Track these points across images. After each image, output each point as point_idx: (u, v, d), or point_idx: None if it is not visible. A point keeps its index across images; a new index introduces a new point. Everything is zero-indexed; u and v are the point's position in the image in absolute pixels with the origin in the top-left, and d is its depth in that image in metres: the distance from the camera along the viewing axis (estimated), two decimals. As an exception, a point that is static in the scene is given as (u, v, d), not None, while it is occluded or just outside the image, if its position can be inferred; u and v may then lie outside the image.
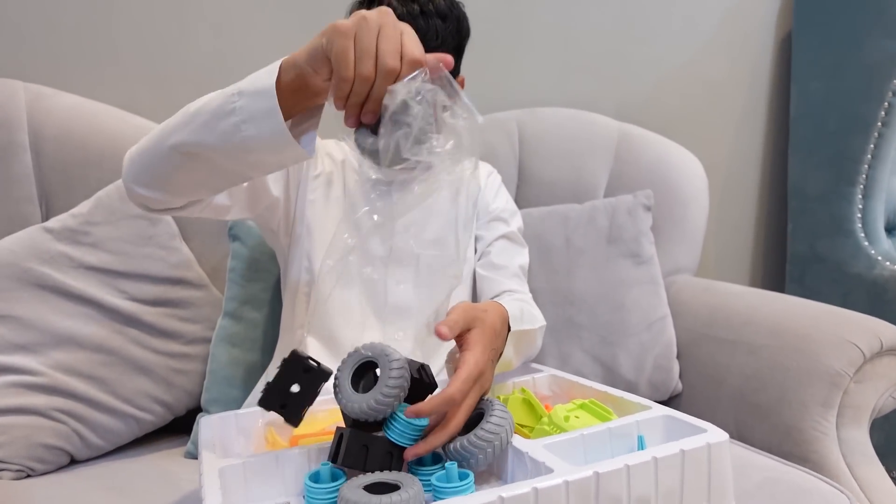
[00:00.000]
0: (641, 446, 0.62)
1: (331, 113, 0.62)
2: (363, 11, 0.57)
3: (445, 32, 0.84)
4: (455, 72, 0.87)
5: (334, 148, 1.01)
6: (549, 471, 0.51)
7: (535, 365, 0.92)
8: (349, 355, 0.61)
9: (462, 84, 0.95)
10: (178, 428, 1.06)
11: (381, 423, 0.58)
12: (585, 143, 1.39)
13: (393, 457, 0.57)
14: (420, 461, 0.59)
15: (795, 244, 1.62)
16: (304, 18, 1.35)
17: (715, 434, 0.58)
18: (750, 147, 1.70)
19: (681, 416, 0.63)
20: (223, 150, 0.62)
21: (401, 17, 0.75)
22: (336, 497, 0.53)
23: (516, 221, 1.08)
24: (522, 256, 1.06)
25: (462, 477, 0.53)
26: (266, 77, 0.59)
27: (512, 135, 1.37)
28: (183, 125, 0.64)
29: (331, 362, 0.88)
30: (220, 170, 0.66)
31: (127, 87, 1.26)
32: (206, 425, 0.71)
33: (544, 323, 0.96)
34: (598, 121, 1.43)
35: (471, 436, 0.57)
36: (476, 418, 0.60)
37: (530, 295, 1.03)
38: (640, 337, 1.19)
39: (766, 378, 1.04)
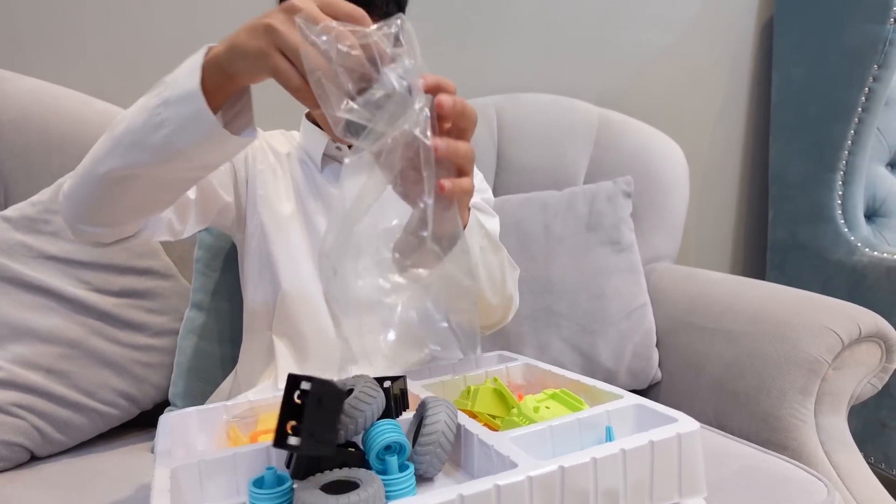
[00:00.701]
0: (609, 437, 0.60)
1: (271, 104, 0.59)
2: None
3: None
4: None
5: (279, 140, 0.97)
6: (514, 465, 0.49)
7: (508, 354, 0.90)
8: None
9: None
10: (145, 422, 1.03)
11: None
12: (566, 130, 1.37)
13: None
14: (384, 469, 0.56)
15: (776, 231, 1.61)
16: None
17: (685, 424, 0.56)
18: (731, 133, 1.70)
19: (651, 405, 0.62)
20: (161, 164, 0.58)
21: None
22: (282, 502, 0.50)
23: (485, 191, 1.04)
24: (492, 223, 1.00)
25: (403, 469, 0.51)
26: (188, 79, 0.55)
27: (491, 121, 1.35)
28: (111, 150, 0.60)
29: (300, 363, 0.87)
30: (165, 183, 0.63)
31: (91, 70, 1.22)
32: (165, 424, 0.68)
33: (517, 270, 0.90)
34: (578, 107, 1.41)
35: (415, 446, 0.54)
36: (418, 424, 0.58)
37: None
38: (620, 325, 1.18)
39: (745, 365, 1.03)
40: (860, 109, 1.42)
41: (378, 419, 0.54)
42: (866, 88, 1.41)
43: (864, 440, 1.02)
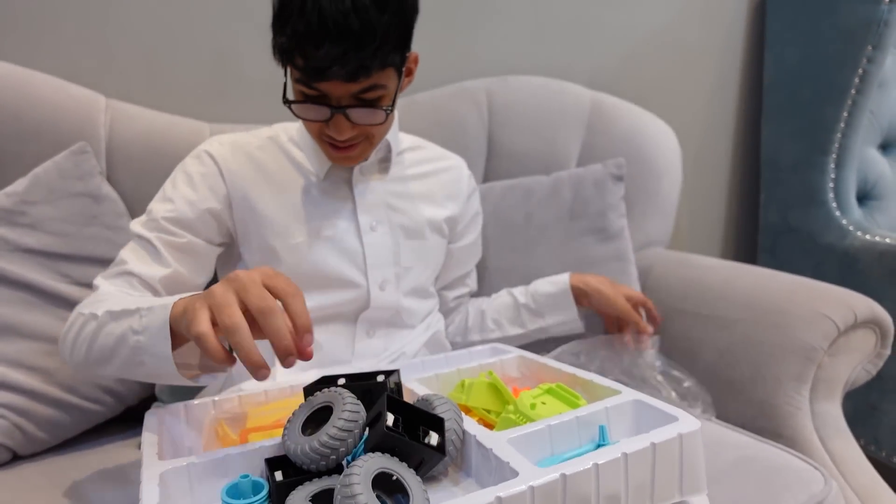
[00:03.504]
0: (603, 437, 0.59)
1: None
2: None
3: (387, 24, 0.72)
4: (406, 49, 0.79)
5: (261, 147, 0.94)
6: (514, 473, 0.48)
7: (502, 346, 0.89)
8: (308, 399, 0.57)
9: (415, 62, 0.87)
10: (131, 417, 1.01)
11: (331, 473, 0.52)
12: (557, 114, 1.34)
13: None
14: None
15: (767, 214, 1.61)
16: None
17: (686, 423, 0.55)
18: (723, 115, 1.68)
19: (651, 401, 0.61)
20: (152, 379, 0.68)
21: (330, 17, 0.69)
22: None
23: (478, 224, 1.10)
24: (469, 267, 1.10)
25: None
26: (162, 343, 0.60)
27: (481, 105, 1.31)
28: (103, 361, 0.68)
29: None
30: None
31: (67, 54, 1.17)
32: (152, 420, 0.66)
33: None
34: (570, 90, 1.38)
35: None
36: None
37: None
38: (608, 317, 1.16)
39: (740, 353, 1.02)
40: (853, 91, 1.41)
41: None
42: (860, 70, 1.39)
43: (854, 423, 1.02)
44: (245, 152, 0.91)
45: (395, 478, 0.46)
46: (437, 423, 0.53)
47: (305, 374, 0.83)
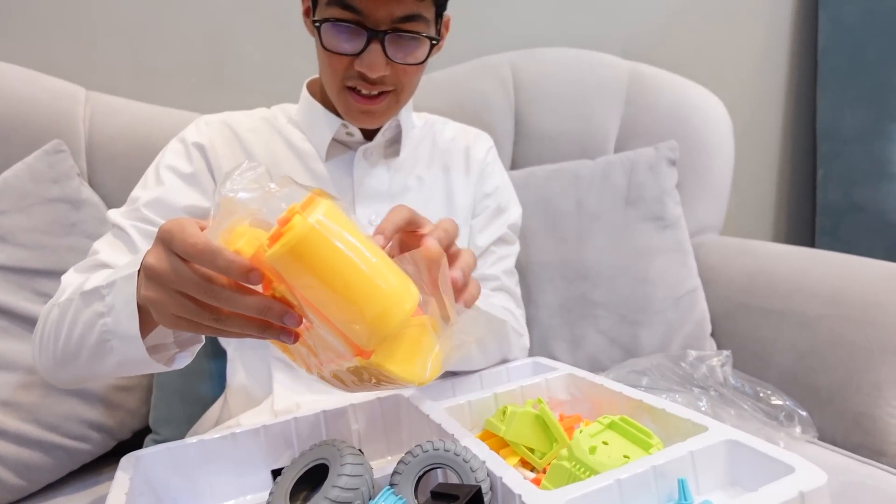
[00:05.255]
0: (684, 498, 0.45)
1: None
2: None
3: None
4: (443, 9, 0.73)
5: (248, 130, 0.82)
6: None
7: (546, 361, 0.76)
8: (300, 455, 0.48)
9: (447, 25, 0.79)
10: (124, 452, 0.89)
11: None
12: (592, 88, 1.21)
13: None
14: None
15: (827, 192, 1.48)
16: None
17: (809, 475, 0.42)
18: (773, 84, 1.55)
19: (753, 442, 0.48)
20: (123, 371, 0.60)
21: None
22: None
23: (514, 209, 0.92)
24: (511, 258, 0.91)
25: None
26: (129, 321, 0.53)
27: (506, 81, 1.19)
28: (71, 356, 0.60)
29: (298, 395, 0.74)
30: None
31: (43, 44, 1.07)
32: (126, 469, 0.56)
33: (524, 336, 0.87)
34: (605, 61, 1.25)
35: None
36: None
37: (520, 299, 0.92)
38: (667, 314, 1.05)
39: (826, 355, 0.89)
40: (928, 47, 1.25)
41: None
42: (936, 23, 1.24)
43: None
44: (234, 133, 0.81)
45: None
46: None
47: (310, 397, 0.73)
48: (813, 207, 1.56)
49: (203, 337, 0.59)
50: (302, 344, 0.45)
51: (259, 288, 0.43)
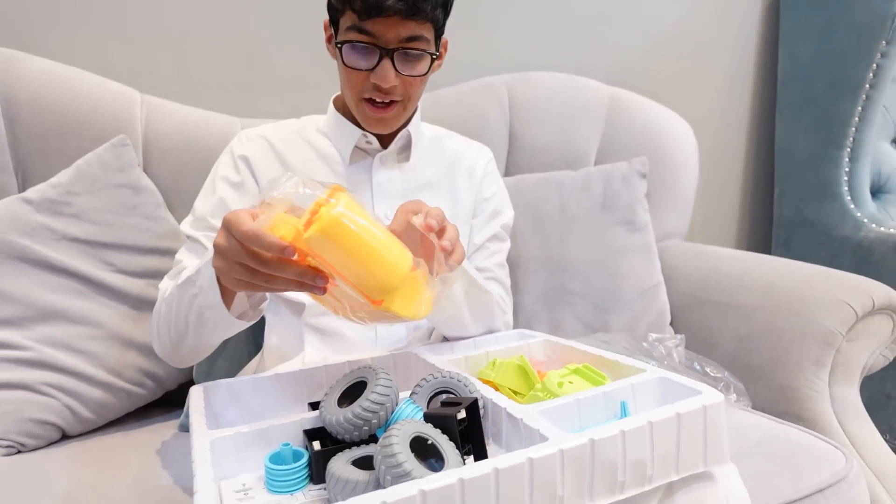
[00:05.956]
0: (624, 413, 0.61)
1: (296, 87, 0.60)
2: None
3: None
4: (441, 32, 0.88)
5: (284, 140, 0.97)
6: (544, 438, 0.50)
7: (528, 331, 0.92)
8: (344, 375, 0.62)
9: (446, 47, 0.94)
10: (170, 401, 1.04)
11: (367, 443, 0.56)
12: (577, 108, 1.37)
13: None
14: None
15: (782, 208, 1.63)
16: (286, -21, 1.30)
17: (710, 396, 0.57)
18: (738, 110, 1.70)
19: (676, 377, 0.63)
20: (218, 335, 0.78)
21: None
22: (296, 477, 0.53)
23: (508, 212, 1.06)
24: (502, 253, 1.05)
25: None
26: (213, 293, 0.68)
27: (502, 99, 1.34)
28: (182, 335, 0.77)
29: (327, 356, 0.89)
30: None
31: (102, 51, 1.21)
32: (197, 395, 0.69)
33: (507, 313, 1.00)
34: (588, 85, 1.41)
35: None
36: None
37: (509, 289, 1.05)
38: (633, 304, 1.20)
39: (760, 339, 1.05)
40: (867, 86, 1.43)
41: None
42: (874, 65, 1.41)
43: (869, 412, 1.04)
44: (270, 144, 0.96)
45: (430, 442, 0.49)
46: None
47: (335, 357, 0.87)
48: (770, 220, 1.70)
49: (267, 299, 0.76)
50: (330, 295, 0.61)
51: (296, 257, 0.59)
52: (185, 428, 0.95)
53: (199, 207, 0.91)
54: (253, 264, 0.58)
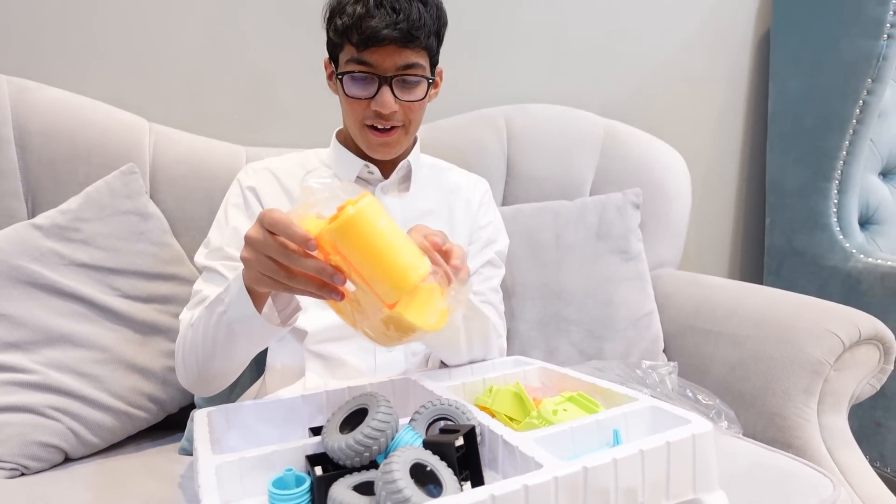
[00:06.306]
0: (617, 441, 0.63)
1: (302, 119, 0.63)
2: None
3: (427, 16, 0.86)
4: (435, 60, 0.92)
5: (289, 173, 1.00)
6: (539, 466, 0.51)
7: (525, 358, 0.93)
8: (346, 402, 0.64)
9: (441, 76, 0.97)
10: (171, 425, 1.06)
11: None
12: (573, 140, 1.41)
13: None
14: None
15: (773, 238, 1.66)
16: (288, 9, 1.34)
17: (699, 425, 0.58)
18: (730, 143, 1.74)
19: (666, 407, 0.64)
20: (251, 347, 0.78)
21: (382, 3, 0.83)
22: (298, 502, 0.54)
23: (502, 240, 1.09)
24: (496, 279, 1.07)
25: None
26: (245, 304, 0.70)
27: (500, 130, 1.38)
28: (209, 356, 0.78)
29: (328, 381, 0.90)
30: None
31: (112, 80, 1.25)
32: (201, 420, 0.71)
33: (502, 337, 1.01)
34: (584, 117, 1.45)
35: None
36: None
37: (503, 313, 1.07)
38: (627, 332, 1.22)
39: (750, 367, 1.07)
40: (855, 121, 1.47)
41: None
42: (860, 101, 1.46)
43: (859, 439, 1.06)
44: (275, 176, 0.99)
45: (429, 469, 0.51)
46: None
47: (336, 383, 0.89)
48: (762, 250, 1.73)
49: (300, 309, 0.78)
50: (348, 302, 0.63)
51: (318, 255, 0.61)
52: (185, 451, 0.97)
53: (214, 239, 0.93)
54: (278, 256, 0.61)
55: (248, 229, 0.64)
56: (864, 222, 1.59)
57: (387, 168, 0.99)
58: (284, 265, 0.62)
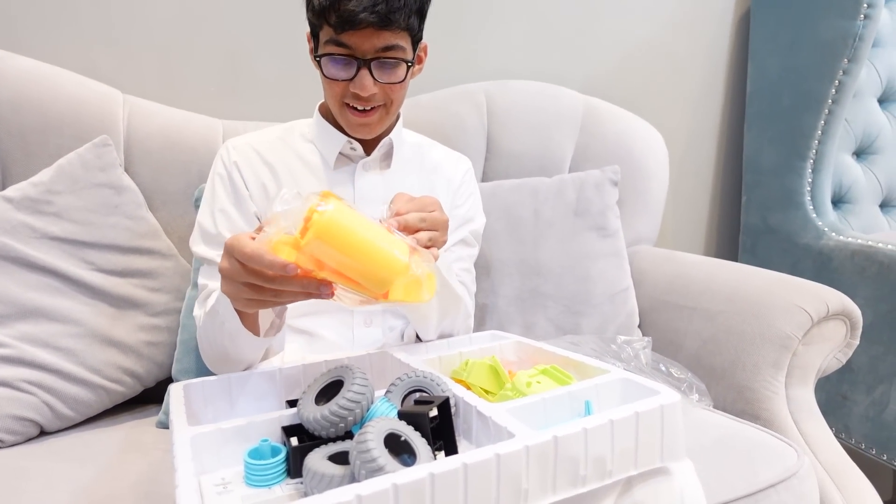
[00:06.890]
0: (588, 411, 0.64)
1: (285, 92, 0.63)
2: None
3: None
4: (418, 38, 0.90)
5: (270, 146, 0.99)
6: (511, 435, 0.52)
7: (501, 333, 0.94)
8: (322, 374, 0.64)
9: (425, 51, 0.96)
10: (149, 398, 1.06)
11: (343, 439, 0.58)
12: (553, 117, 1.41)
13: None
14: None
15: (748, 215, 1.69)
16: (269, -17, 1.32)
17: (667, 396, 0.60)
18: (708, 121, 1.76)
19: (636, 378, 0.66)
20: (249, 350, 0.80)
21: None
22: (274, 472, 0.55)
23: (479, 219, 1.09)
24: (469, 259, 1.07)
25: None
26: (235, 323, 0.72)
27: (480, 106, 1.38)
28: (223, 358, 0.80)
29: (301, 351, 0.91)
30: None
31: (85, 50, 1.22)
32: (177, 392, 0.71)
33: (470, 317, 1.01)
34: (564, 94, 1.45)
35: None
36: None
37: (473, 293, 1.07)
38: (604, 307, 1.23)
39: (722, 342, 1.10)
40: (830, 101, 1.49)
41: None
42: (836, 81, 1.47)
43: (826, 412, 1.09)
44: (256, 152, 0.97)
45: (403, 438, 0.52)
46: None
47: (313, 356, 0.89)
48: (737, 227, 1.76)
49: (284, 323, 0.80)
50: (339, 297, 0.63)
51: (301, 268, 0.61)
52: (163, 425, 0.97)
53: (207, 224, 0.92)
54: (258, 282, 0.61)
55: (221, 261, 0.63)
56: (837, 201, 1.62)
57: (369, 145, 0.98)
58: (267, 289, 0.62)
